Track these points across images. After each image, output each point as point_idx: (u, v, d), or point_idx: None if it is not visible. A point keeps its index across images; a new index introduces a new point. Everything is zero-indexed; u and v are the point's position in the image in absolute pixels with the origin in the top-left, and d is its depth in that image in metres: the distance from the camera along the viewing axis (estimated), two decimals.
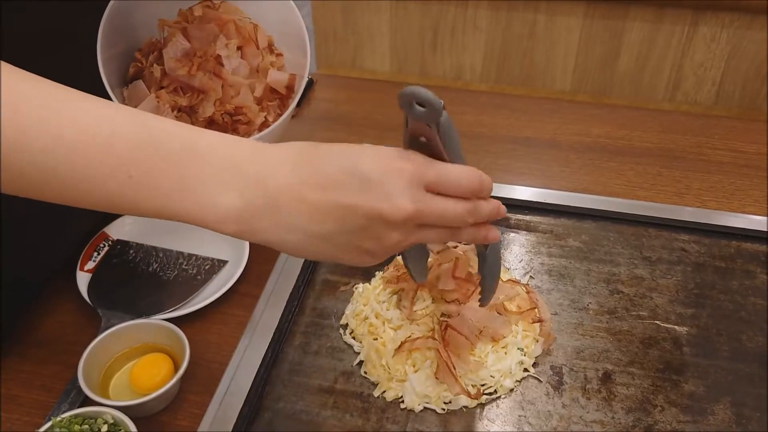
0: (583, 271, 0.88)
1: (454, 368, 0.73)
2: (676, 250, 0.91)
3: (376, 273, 0.87)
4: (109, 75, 0.82)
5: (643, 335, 0.81)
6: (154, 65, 0.87)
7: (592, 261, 0.90)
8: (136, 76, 0.89)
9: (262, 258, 0.90)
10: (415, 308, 0.78)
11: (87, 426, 0.68)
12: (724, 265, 0.89)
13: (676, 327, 0.82)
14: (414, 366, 0.74)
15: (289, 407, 0.75)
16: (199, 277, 0.87)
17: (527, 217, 0.96)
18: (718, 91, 1.52)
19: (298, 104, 1.15)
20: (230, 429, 0.72)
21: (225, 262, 0.89)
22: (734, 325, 0.82)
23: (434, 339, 0.74)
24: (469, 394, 0.72)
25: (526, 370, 0.77)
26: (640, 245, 0.92)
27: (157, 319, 0.79)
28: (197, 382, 0.77)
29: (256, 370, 0.77)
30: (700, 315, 0.83)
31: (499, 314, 0.77)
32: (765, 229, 0.92)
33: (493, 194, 0.98)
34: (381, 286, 0.83)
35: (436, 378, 0.73)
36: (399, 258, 0.87)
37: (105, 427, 0.68)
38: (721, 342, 0.80)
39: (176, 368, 0.74)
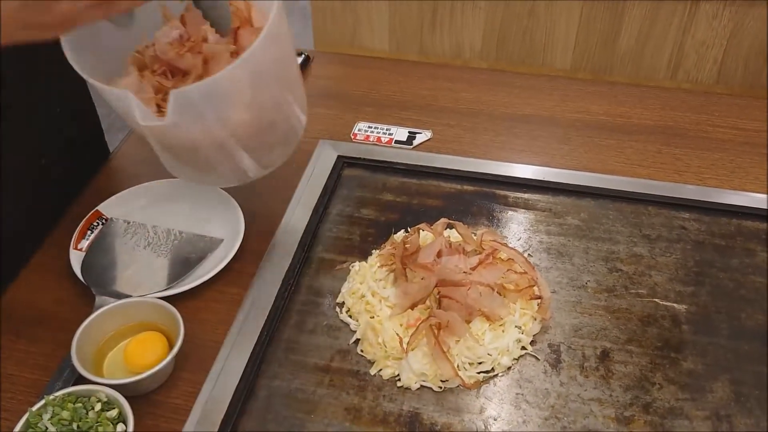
0: (581, 249, 0.88)
1: (449, 349, 0.72)
2: (675, 228, 0.90)
3: (373, 251, 0.86)
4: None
5: (641, 313, 0.80)
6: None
7: (591, 239, 0.89)
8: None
9: (257, 236, 0.89)
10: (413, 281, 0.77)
11: (80, 404, 0.67)
12: (724, 243, 0.88)
13: (675, 305, 0.81)
14: (411, 345, 0.74)
15: (284, 386, 0.74)
16: (193, 255, 0.86)
17: (526, 195, 0.95)
18: (719, 69, 1.50)
19: None
20: (225, 408, 0.71)
21: (220, 240, 0.88)
22: (734, 303, 0.81)
23: (432, 317, 0.73)
24: (463, 382, 0.72)
25: (523, 348, 0.76)
26: (640, 223, 0.91)
27: (151, 297, 0.79)
28: (192, 361, 0.76)
29: (251, 349, 0.76)
30: (700, 293, 0.82)
31: (499, 295, 0.76)
32: (765, 207, 0.91)
33: (491, 172, 0.98)
34: (377, 264, 0.82)
35: (432, 356, 0.72)
36: (395, 236, 0.87)
37: (98, 406, 0.67)
38: (721, 320, 0.80)
39: (170, 347, 0.74)
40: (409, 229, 0.86)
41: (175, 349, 0.72)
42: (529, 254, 0.87)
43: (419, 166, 0.98)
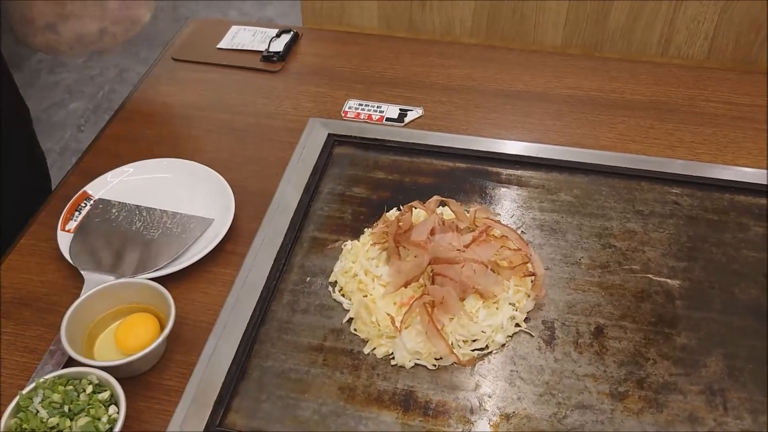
0: (575, 225, 0.87)
1: (442, 327, 0.72)
2: (668, 204, 0.90)
3: (365, 230, 0.86)
4: None
5: (635, 289, 0.80)
6: None
7: (584, 215, 0.88)
8: None
9: (248, 215, 0.88)
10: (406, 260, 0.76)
11: (71, 387, 0.66)
12: (717, 218, 0.88)
13: (668, 280, 0.81)
14: (404, 323, 0.73)
15: (277, 366, 0.73)
16: (184, 235, 0.85)
17: (518, 172, 0.94)
18: (710, 45, 1.49)
19: (283, 58, 1.12)
20: (218, 389, 0.71)
21: (210, 220, 0.87)
22: (727, 278, 0.81)
23: (426, 294, 0.73)
24: (458, 359, 0.71)
25: (517, 325, 0.76)
26: (633, 199, 0.90)
27: (141, 278, 0.78)
28: (184, 342, 0.75)
29: (243, 329, 0.76)
30: (693, 268, 0.82)
31: (493, 272, 0.75)
32: (758, 182, 0.91)
33: (484, 149, 0.98)
34: (370, 243, 0.82)
35: (426, 334, 0.72)
36: (387, 214, 0.86)
37: (90, 388, 0.66)
38: (714, 295, 0.80)
39: (162, 328, 0.73)
40: (401, 207, 0.85)
41: (167, 330, 0.71)
42: (522, 231, 0.86)
43: (411, 144, 0.97)
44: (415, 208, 0.82)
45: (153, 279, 0.77)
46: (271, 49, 1.15)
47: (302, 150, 0.97)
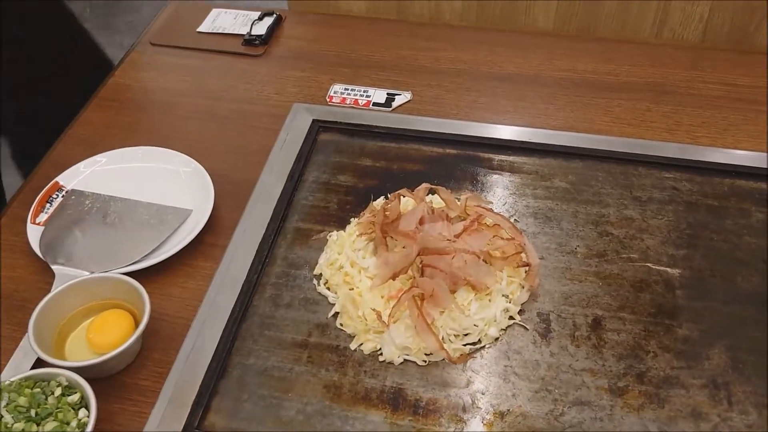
0: (570, 213, 0.84)
1: (433, 321, 0.68)
2: (667, 189, 0.86)
3: (351, 219, 0.82)
4: None
5: (633, 278, 0.76)
6: None
7: (579, 202, 0.85)
8: None
9: (228, 206, 0.84)
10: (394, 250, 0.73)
11: (39, 389, 0.62)
12: (718, 204, 0.85)
13: (668, 269, 0.77)
14: (393, 317, 0.69)
15: (260, 363, 0.70)
16: (160, 227, 0.81)
17: (511, 158, 0.90)
18: (705, 27, 1.45)
19: (265, 42, 1.08)
20: (197, 388, 0.67)
21: (189, 211, 0.83)
22: (729, 266, 0.78)
23: (415, 287, 0.69)
24: (449, 355, 0.68)
25: (511, 317, 0.73)
26: (630, 184, 0.87)
27: (115, 273, 0.74)
28: (160, 339, 0.72)
29: (223, 325, 0.72)
30: (693, 256, 0.79)
31: (485, 263, 0.72)
32: (759, 165, 0.88)
33: (475, 134, 0.94)
34: (356, 233, 0.78)
35: (415, 328, 0.68)
36: (374, 203, 0.82)
37: (58, 390, 0.63)
38: (716, 284, 0.76)
39: (137, 325, 0.69)
40: (389, 196, 0.81)
41: (141, 328, 0.67)
42: (515, 219, 0.83)
43: (399, 129, 0.93)
44: (403, 196, 0.78)
45: (128, 273, 0.73)
46: (253, 33, 1.10)
47: (285, 137, 0.93)
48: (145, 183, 0.86)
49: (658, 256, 0.79)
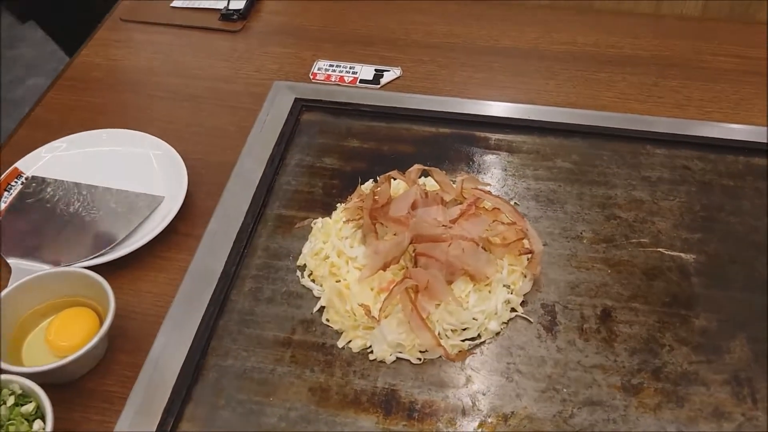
0: (574, 195, 0.77)
1: (428, 315, 0.62)
2: (678, 168, 0.80)
3: (338, 205, 0.75)
4: None
5: (645, 265, 0.70)
6: None
7: (584, 183, 0.79)
8: None
9: (204, 192, 0.78)
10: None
11: None
12: (733, 184, 0.79)
13: (682, 255, 0.72)
14: (384, 311, 0.63)
15: (238, 364, 0.64)
16: (129, 216, 0.74)
17: (509, 137, 0.84)
18: (705, 2, 1.39)
19: (244, 17, 1.01)
20: (168, 393, 0.61)
21: (161, 198, 0.76)
22: (747, 251, 0.72)
23: (408, 278, 0.63)
24: (446, 352, 0.62)
25: (513, 310, 0.67)
26: (638, 164, 0.81)
27: (77, 267, 0.67)
28: (128, 340, 0.66)
29: (198, 323, 0.66)
30: (709, 240, 0.73)
31: (484, 250, 0.65)
32: None
33: (470, 112, 0.87)
34: (343, 220, 0.71)
35: (409, 324, 0.62)
36: (363, 187, 0.75)
37: (11, 400, 0.56)
38: (734, 270, 0.70)
39: (102, 324, 0.62)
40: (378, 179, 0.75)
41: (105, 327, 0.61)
42: (515, 203, 0.77)
43: (388, 108, 0.88)
44: (394, 179, 0.72)
45: (93, 267, 0.67)
46: (230, 7, 1.04)
47: (266, 117, 0.86)
48: (112, 168, 0.80)
49: (671, 240, 0.73)
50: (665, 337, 0.65)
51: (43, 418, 0.56)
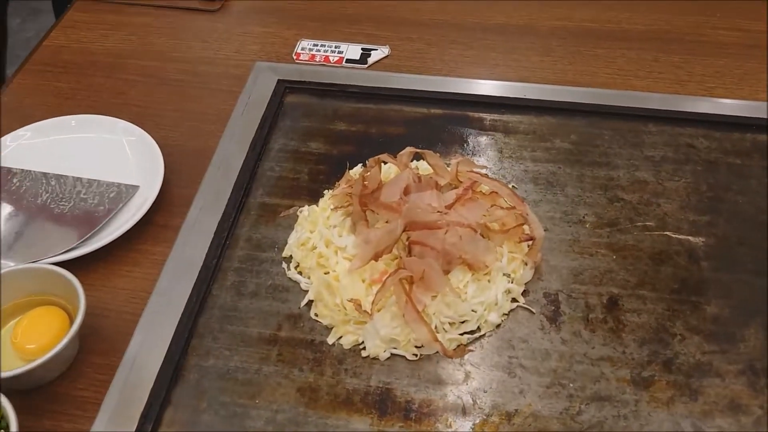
0: (575, 177, 0.74)
1: (424, 308, 0.58)
2: (682, 147, 0.76)
3: (325, 192, 0.71)
4: None
5: (652, 250, 0.67)
6: None
7: (584, 164, 0.75)
8: None
9: (182, 180, 0.74)
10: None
11: None
12: (740, 162, 0.75)
13: (690, 238, 0.68)
14: (376, 304, 0.59)
15: (221, 364, 0.60)
16: (101, 207, 0.70)
17: (504, 117, 0.80)
18: None
19: None
20: (146, 397, 0.57)
21: (135, 188, 0.72)
22: (757, 232, 0.69)
23: (402, 268, 0.59)
24: (443, 348, 0.58)
25: (514, 300, 0.63)
26: (640, 143, 0.77)
27: (45, 263, 0.62)
28: (102, 340, 0.62)
29: (177, 320, 0.62)
30: (717, 222, 0.69)
31: (483, 237, 0.61)
32: None
33: (462, 91, 0.83)
34: (331, 207, 0.67)
35: (404, 317, 0.58)
36: (351, 172, 0.71)
37: None
38: (744, 253, 0.67)
39: (72, 324, 0.58)
40: (367, 163, 0.70)
41: (75, 327, 0.57)
42: (513, 186, 0.73)
43: (376, 89, 0.84)
44: (385, 162, 0.67)
45: (63, 263, 0.63)
46: None
47: (247, 100, 0.82)
48: (82, 157, 0.75)
49: (678, 223, 0.69)
50: (676, 325, 0.61)
51: (6, 428, 0.51)
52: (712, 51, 0.88)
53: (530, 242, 0.64)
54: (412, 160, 0.70)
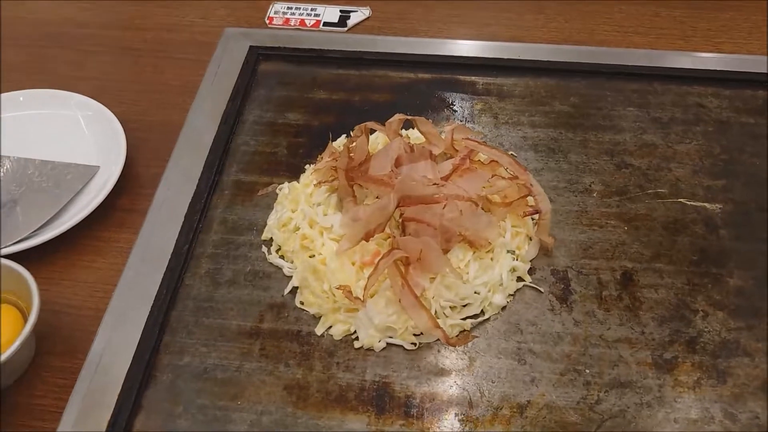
0: (578, 142, 0.68)
1: (422, 292, 0.52)
2: (691, 107, 0.71)
3: (306, 167, 0.64)
4: None
5: (666, 219, 0.62)
6: None
7: (587, 128, 0.69)
8: None
9: (147, 158, 0.68)
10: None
11: None
12: (753, 121, 0.70)
13: (706, 204, 0.63)
14: (369, 290, 0.53)
15: (197, 362, 0.54)
16: (57, 191, 0.63)
17: (498, 80, 0.74)
18: None
19: None
20: (113, 403, 0.52)
21: (95, 168, 0.65)
22: None
23: (396, 249, 0.52)
24: (444, 335, 0.52)
25: (520, 279, 0.57)
26: (646, 104, 0.72)
27: None
28: (62, 341, 0.56)
29: (146, 315, 0.57)
30: (733, 186, 0.65)
31: (485, 211, 0.55)
32: None
33: (451, 53, 0.76)
34: (314, 183, 0.60)
35: (400, 303, 0.52)
36: (334, 144, 0.64)
37: None
38: (765, 219, 0.62)
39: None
40: (352, 133, 0.63)
41: (28, 327, 0.51)
42: (511, 154, 0.66)
43: (357, 53, 0.79)
44: (372, 131, 0.61)
45: (15, 255, 0.58)
46: None
47: (217, 69, 0.76)
48: (33, 136, 0.69)
49: (692, 189, 0.64)
50: (697, 301, 0.56)
51: None
52: (716, 4, 0.83)
53: (537, 215, 0.58)
54: (401, 128, 0.63)
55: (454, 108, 0.72)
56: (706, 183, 0.64)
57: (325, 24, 0.81)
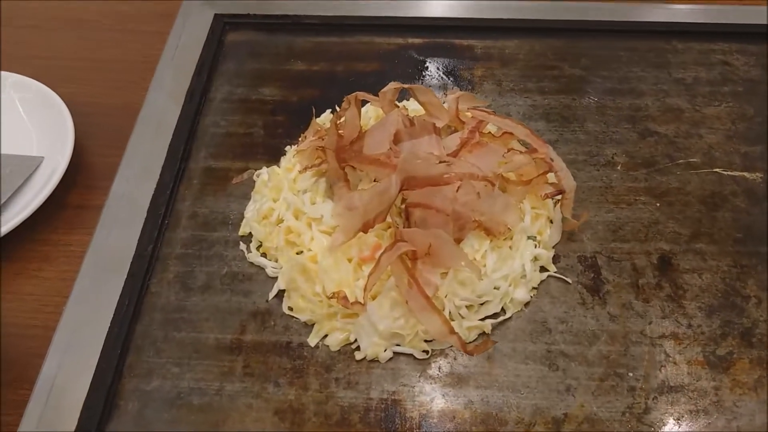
0: (593, 109, 0.60)
1: (435, 291, 0.44)
2: (716, 66, 0.64)
3: (287, 149, 0.56)
4: None
5: (702, 192, 0.55)
6: None
7: (603, 93, 0.62)
8: None
9: (101, 146, 0.60)
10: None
11: None
12: None
13: (745, 174, 0.56)
14: (370, 290, 0.44)
15: (169, 386, 0.45)
16: None
17: (499, 43, 0.66)
18: None
19: None
20: None
21: (37, 160, 0.56)
22: None
23: (400, 241, 0.44)
24: (460, 341, 0.44)
25: (544, 269, 0.50)
26: (666, 64, 0.65)
27: None
28: (4, 368, 0.49)
29: (106, 332, 0.48)
30: None
31: (502, 192, 0.47)
32: None
33: (445, 15, 0.67)
34: (298, 168, 0.52)
35: (408, 305, 0.44)
36: (318, 120, 0.56)
37: None
38: None
39: None
40: (340, 106, 0.55)
41: None
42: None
43: (339, 18, 0.71)
44: (363, 102, 0.52)
45: None
46: None
47: (178, 42, 0.70)
48: None
49: (728, 157, 0.57)
50: (747, 285, 0.49)
51: None
52: None
53: (560, 195, 0.50)
54: (397, 99, 0.55)
55: (451, 76, 0.63)
56: (742, 150, 0.57)
57: None
